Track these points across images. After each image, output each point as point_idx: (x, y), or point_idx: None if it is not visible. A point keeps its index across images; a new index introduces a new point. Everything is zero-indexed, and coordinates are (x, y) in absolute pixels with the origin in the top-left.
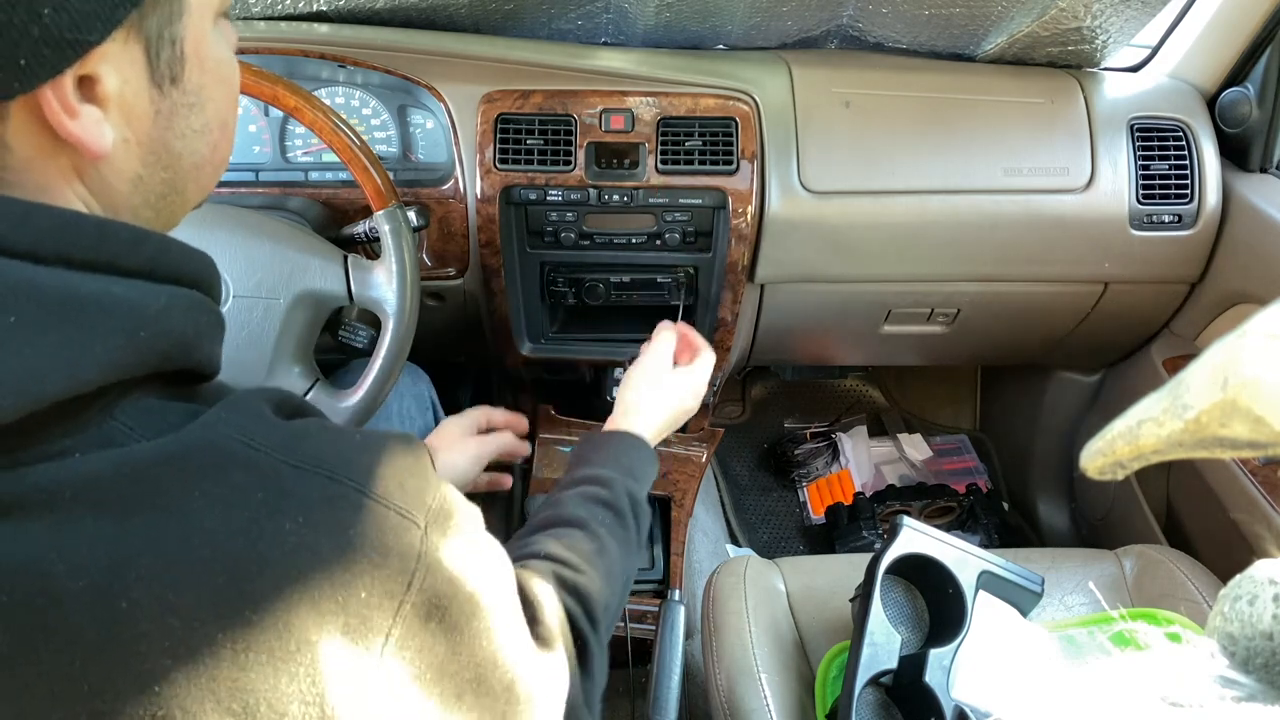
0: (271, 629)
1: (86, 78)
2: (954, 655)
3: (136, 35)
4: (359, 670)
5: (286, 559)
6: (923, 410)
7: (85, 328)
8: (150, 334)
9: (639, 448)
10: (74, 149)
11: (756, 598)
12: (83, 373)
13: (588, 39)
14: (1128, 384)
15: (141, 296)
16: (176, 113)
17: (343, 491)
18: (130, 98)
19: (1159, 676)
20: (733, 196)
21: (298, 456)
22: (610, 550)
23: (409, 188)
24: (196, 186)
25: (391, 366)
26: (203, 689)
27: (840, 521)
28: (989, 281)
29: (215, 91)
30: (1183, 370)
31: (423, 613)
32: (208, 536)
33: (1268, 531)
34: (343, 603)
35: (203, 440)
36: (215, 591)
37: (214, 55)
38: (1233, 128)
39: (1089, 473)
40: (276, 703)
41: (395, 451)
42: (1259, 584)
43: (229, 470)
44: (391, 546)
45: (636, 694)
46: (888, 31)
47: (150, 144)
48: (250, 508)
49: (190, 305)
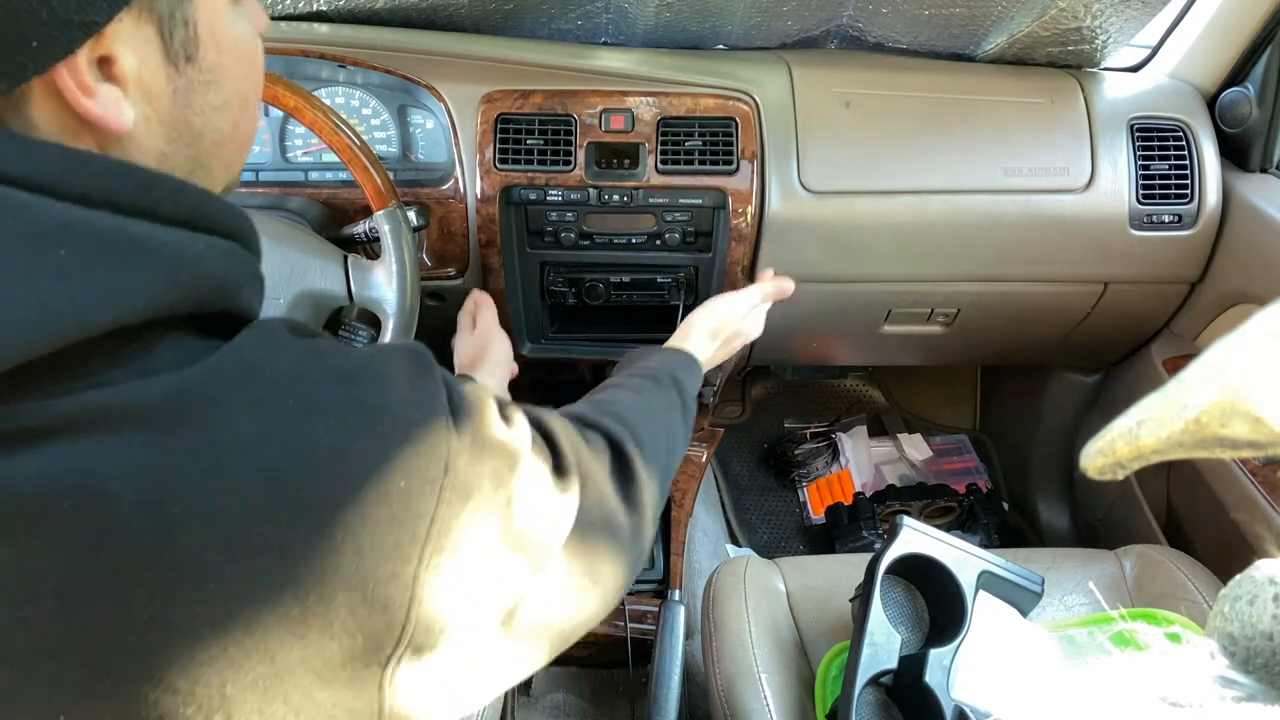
0: (315, 525)
1: (105, 58)
2: (954, 655)
3: (148, 15)
4: (404, 554)
5: (323, 458)
6: (923, 410)
7: (131, 265)
8: (190, 276)
9: (682, 355)
10: (97, 128)
11: (756, 598)
12: (126, 305)
13: (588, 39)
14: (1128, 384)
15: (181, 241)
16: (194, 90)
17: (365, 395)
18: (147, 76)
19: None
20: (733, 196)
21: (320, 368)
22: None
23: (409, 188)
24: (220, 164)
25: None
26: (255, 584)
27: (840, 521)
28: (989, 281)
29: (234, 70)
30: (1183, 370)
31: (462, 493)
32: (246, 443)
33: (1268, 531)
34: (383, 493)
35: (233, 359)
36: (260, 494)
37: (231, 34)
38: (1233, 128)
39: (1089, 473)
40: (325, 592)
41: (405, 359)
42: (1259, 584)
43: (260, 382)
44: (421, 439)
45: (636, 694)
46: (888, 31)
47: (171, 121)
48: (284, 414)
49: (227, 253)
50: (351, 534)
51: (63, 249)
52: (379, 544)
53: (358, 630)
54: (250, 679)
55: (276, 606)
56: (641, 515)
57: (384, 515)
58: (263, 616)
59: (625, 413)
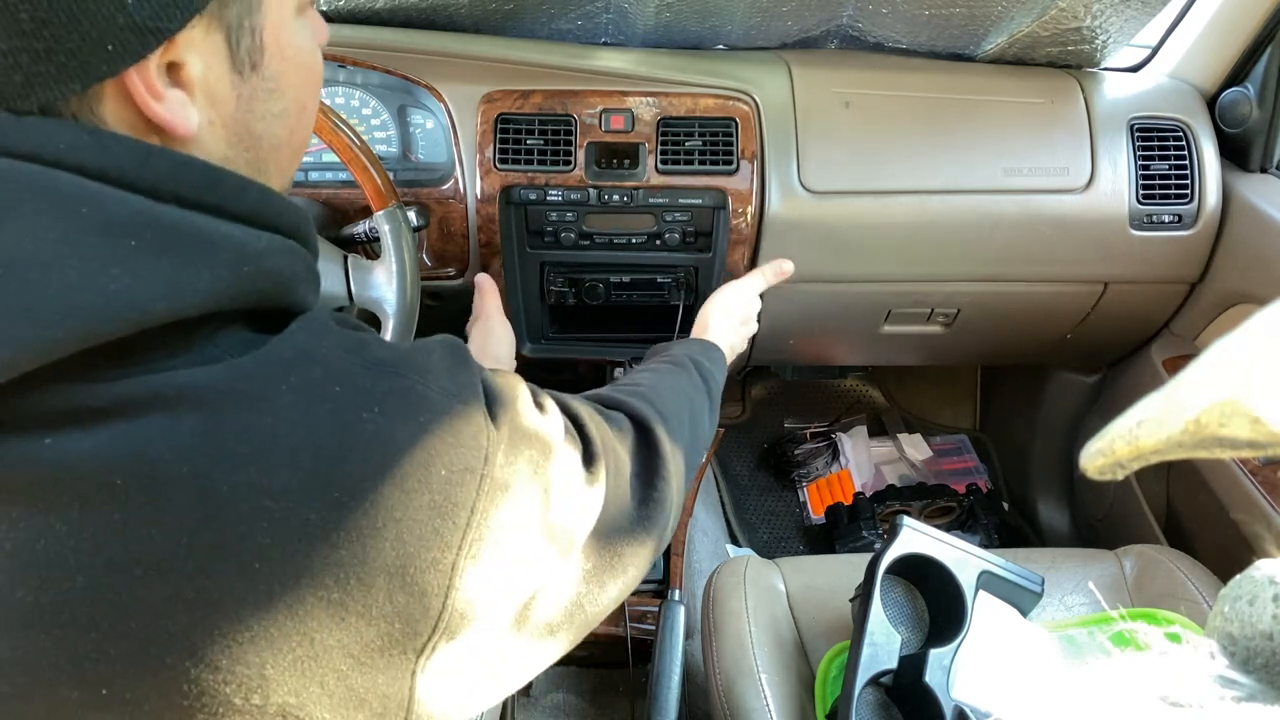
0: (359, 508)
1: (173, 64)
2: (954, 655)
3: (217, 24)
4: (444, 541)
5: (367, 444)
6: (923, 410)
7: (195, 258)
8: (252, 270)
9: (709, 346)
10: (164, 130)
11: (756, 598)
12: (190, 296)
13: (588, 39)
14: (1128, 384)
15: (245, 236)
16: (256, 97)
17: (408, 384)
18: (213, 83)
19: (1159, 676)
20: (733, 196)
21: (365, 358)
22: (671, 378)
23: (409, 188)
24: (277, 169)
25: None
26: (298, 565)
27: (840, 521)
28: (989, 281)
29: (294, 78)
30: (1183, 370)
31: (501, 484)
32: (294, 427)
33: (1268, 531)
34: (424, 480)
35: (285, 346)
36: (305, 476)
37: (294, 44)
38: (1233, 128)
39: (1089, 473)
40: (365, 576)
41: (443, 353)
42: (1259, 584)
43: (309, 369)
44: (462, 430)
45: (636, 694)
46: (888, 31)
47: (233, 126)
48: (331, 400)
49: (288, 250)
50: (393, 519)
51: (132, 239)
52: (420, 530)
53: (395, 616)
54: (290, 660)
55: (318, 589)
56: (665, 493)
57: (425, 502)
58: (304, 598)
59: (648, 392)
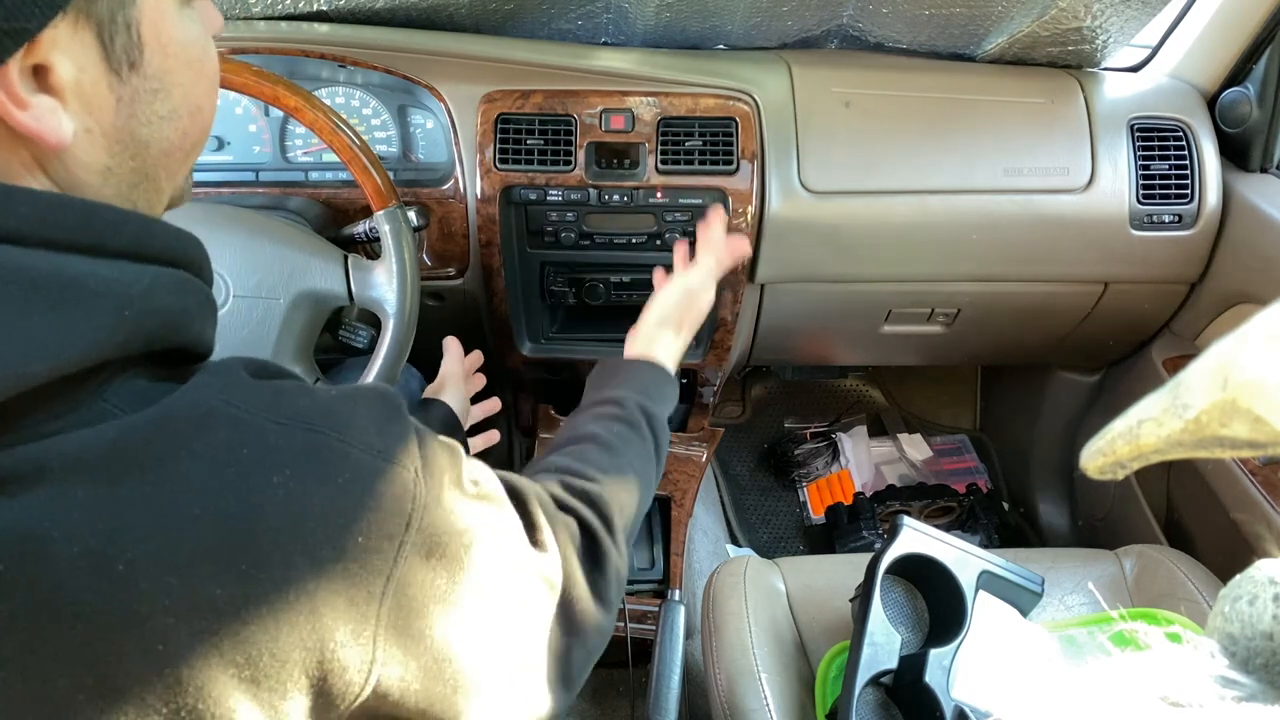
0: (269, 581)
1: (40, 67)
2: (954, 655)
3: (85, 20)
4: (361, 612)
5: (278, 511)
6: (923, 410)
7: (70, 309)
8: (136, 313)
9: (655, 371)
10: (33, 142)
11: (756, 598)
12: (69, 353)
13: (588, 39)
14: (1128, 384)
15: (126, 276)
16: (139, 99)
17: (326, 442)
18: (88, 86)
19: (1159, 676)
20: (733, 196)
21: (278, 413)
22: (624, 455)
23: (409, 188)
24: (167, 175)
25: (392, 366)
26: (206, 644)
27: (840, 521)
28: (989, 281)
29: (182, 75)
30: (1183, 370)
31: (423, 551)
32: (198, 494)
33: (1268, 531)
34: (340, 548)
35: (186, 404)
36: (210, 548)
37: (178, 38)
38: (1233, 128)
39: (1089, 473)
40: (279, 652)
41: (372, 403)
42: (1259, 584)
43: (214, 429)
44: (384, 491)
45: (636, 694)
46: (888, 31)
47: (115, 133)
48: (238, 464)
49: (176, 284)
50: (306, 593)
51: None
52: (335, 602)
53: (314, 691)
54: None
55: (228, 667)
56: (608, 603)
57: (339, 571)
58: (215, 678)
59: (599, 491)
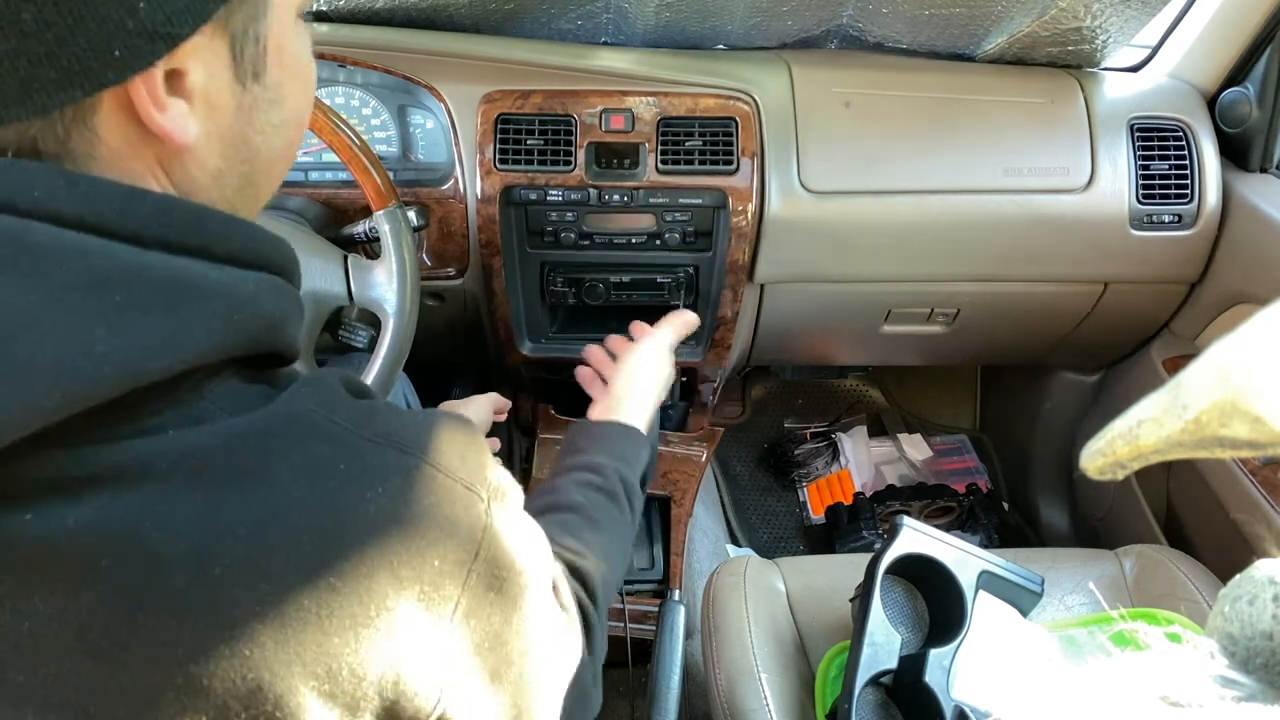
0: (354, 595)
1: (174, 71)
2: (954, 655)
3: (222, 31)
4: (432, 636)
5: (368, 527)
6: (923, 410)
7: (185, 309)
8: (244, 317)
9: (630, 435)
10: (160, 141)
11: (756, 598)
12: (183, 352)
13: (588, 39)
14: (1128, 384)
15: (235, 281)
16: (257, 108)
17: (415, 464)
18: (214, 92)
19: (1159, 676)
20: (733, 196)
21: (372, 431)
22: (606, 531)
23: (409, 188)
24: (268, 181)
25: (392, 366)
26: (290, 652)
27: (840, 521)
28: (989, 281)
29: (294, 88)
30: (1183, 370)
31: (485, 582)
32: (296, 505)
33: (1268, 531)
34: (418, 570)
35: (288, 414)
36: (303, 558)
37: (294, 52)
38: (1233, 128)
39: (1089, 473)
40: (358, 666)
41: (455, 429)
42: (1259, 584)
43: (314, 442)
44: (461, 518)
45: (636, 694)
46: (888, 31)
47: (231, 138)
48: (335, 478)
49: (276, 290)
50: (386, 609)
51: (118, 295)
52: (411, 623)
53: (384, 713)
54: None
55: (309, 678)
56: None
57: (416, 593)
58: (296, 687)
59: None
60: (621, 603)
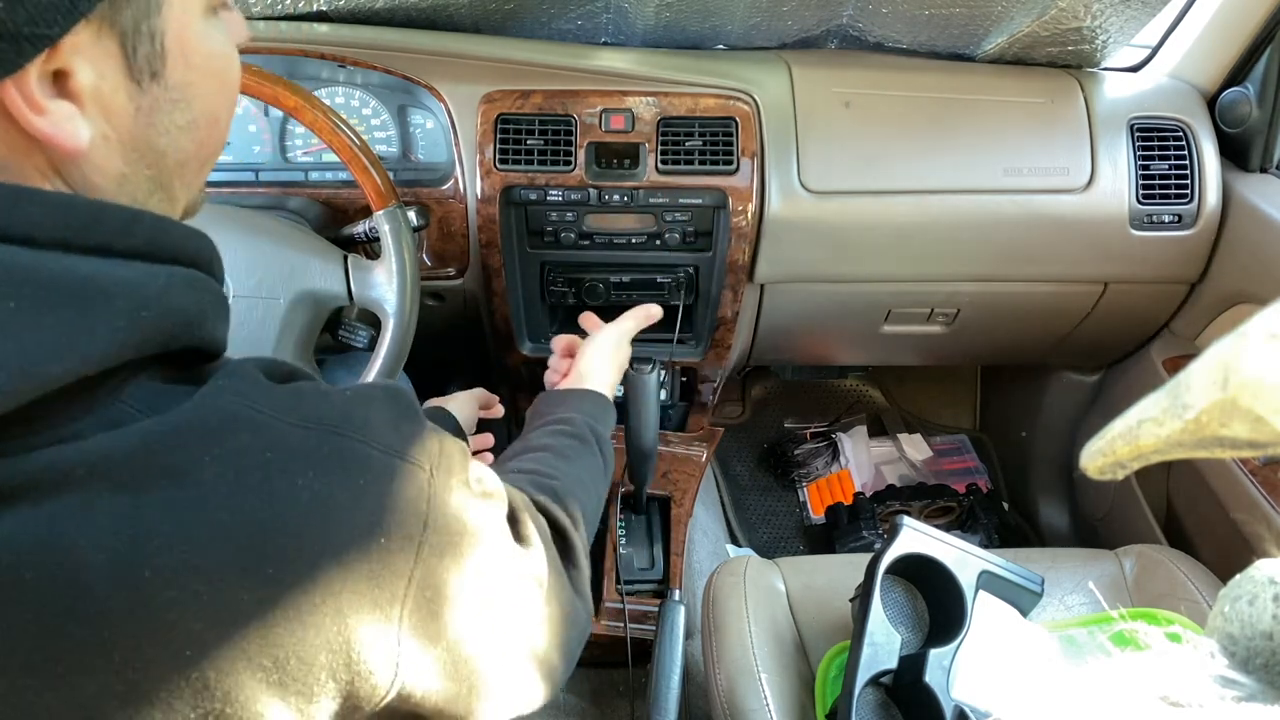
0: (295, 585)
1: (60, 72)
2: (954, 655)
3: (109, 29)
4: (385, 614)
5: (303, 514)
6: (923, 410)
7: (87, 310)
8: (153, 313)
9: (595, 397)
10: (49, 147)
11: (756, 598)
12: (86, 355)
13: (588, 39)
14: (1128, 384)
15: (141, 277)
16: (159, 109)
17: (348, 444)
18: (108, 93)
19: (1159, 676)
20: (733, 196)
21: (298, 416)
22: (577, 462)
23: (409, 188)
24: (183, 184)
25: (392, 366)
26: (234, 648)
27: (840, 521)
28: (989, 281)
29: (204, 87)
30: (1183, 370)
31: (438, 551)
32: (224, 500)
33: (1268, 531)
34: (364, 550)
35: (207, 409)
36: (237, 553)
37: (203, 49)
38: (1233, 128)
39: (1089, 473)
40: (305, 654)
41: (386, 403)
42: (1259, 584)
43: (236, 434)
44: (402, 492)
45: (636, 694)
46: (888, 31)
47: (132, 141)
48: (261, 468)
49: (190, 283)
50: (331, 594)
51: (11, 300)
52: (359, 604)
53: (339, 693)
54: None
55: (255, 671)
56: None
57: (364, 573)
58: (243, 682)
59: (563, 491)
60: (621, 603)
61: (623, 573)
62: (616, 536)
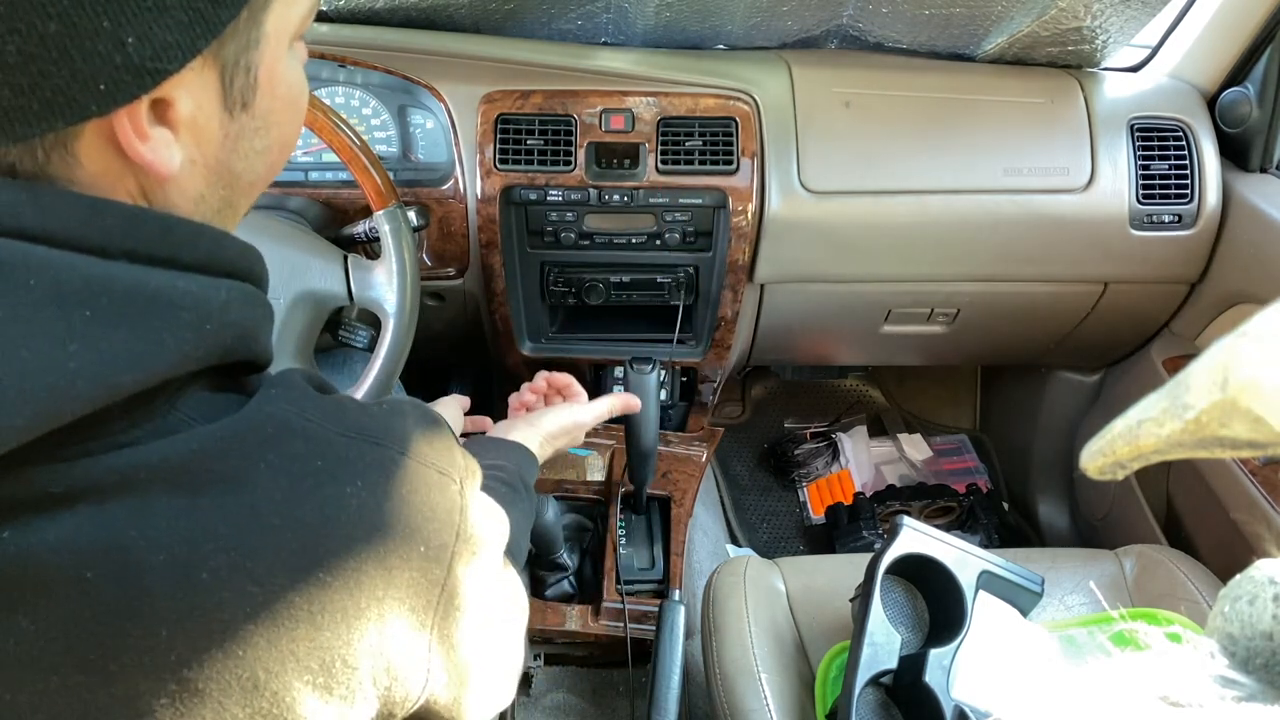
0: (344, 589)
1: (161, 101)
2: (954, 655)
3: (213, 62)
4: (421, 619)
5: (351, 521)
6: (923, 410)
7: (156, 321)
8: (215, 327)
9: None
10: (144, 171)
11: (756, 598)
12: (156, 365)
13: (588, 39)
14: (1128, 384)
15: (205, 290)
16: (243, 136)
17: (390, 455)
18: (202, 122)
19: (1159, 676)
20: (733, 196)
21: (345, 426)
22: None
23: (409, 188)
24: (247, 201)
25: (392, 366)
26: (283, 650)
27: (840, 521)
28: (989, 281)
29: (283, 115)
30: (1183, 370)
31: (465, 560)
32: (277, 505)
33: (1268, 531)
34: (406, 557)
35: (261, 416)
36: (289, 556)
37: (286, 80)
38: (1233, 128)
39: (1089, 473)
40: (350, 658)
41: (418, 418)
42: (1259, 584)
43: (289, 441)
44: (439, 502)
45: (636, 694)
46: (888, 31)
47: (215, 165)
48: (313, 475)
49: (247, 298)
50: (376, 599)
51: (87, 309)
52: (400, 609)
53: (378, 699)
54: None
55: (303, 673)
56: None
57: (405, 580)
58: (291, 684)
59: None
60: (621, 603)
61: (623, 573)
62: (616, 537)
